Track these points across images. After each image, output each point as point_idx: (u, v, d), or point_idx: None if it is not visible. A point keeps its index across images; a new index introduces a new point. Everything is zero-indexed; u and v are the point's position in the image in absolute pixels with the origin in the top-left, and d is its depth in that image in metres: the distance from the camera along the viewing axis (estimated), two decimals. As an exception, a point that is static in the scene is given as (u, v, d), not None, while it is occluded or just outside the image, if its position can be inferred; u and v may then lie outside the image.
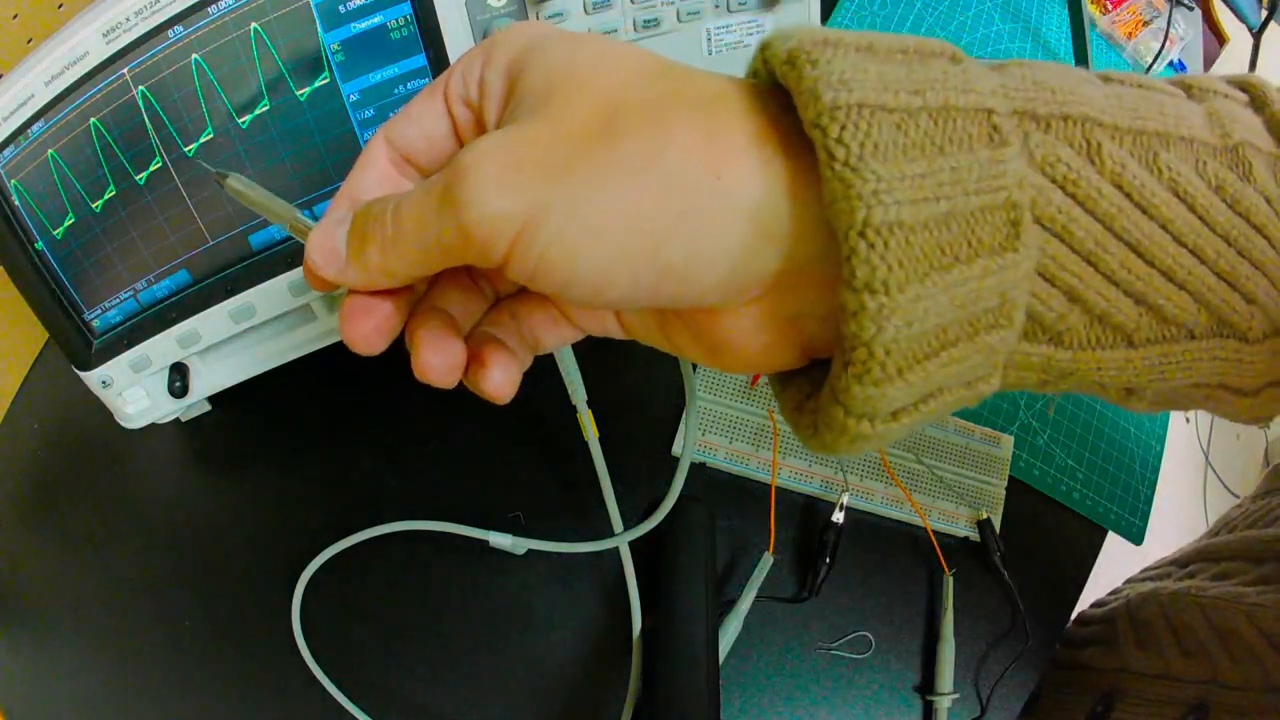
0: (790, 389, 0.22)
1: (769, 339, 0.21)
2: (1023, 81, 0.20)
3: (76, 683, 0.47)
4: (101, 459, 0.53)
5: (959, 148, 0.18)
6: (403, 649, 0.48)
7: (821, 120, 0.17)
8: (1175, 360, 0.21)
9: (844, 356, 0.18)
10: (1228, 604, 0.44)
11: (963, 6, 0.73)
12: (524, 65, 0.21)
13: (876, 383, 0.17)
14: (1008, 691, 0.50)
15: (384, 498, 0.51)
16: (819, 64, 0.18)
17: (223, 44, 0.38)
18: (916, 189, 0.17)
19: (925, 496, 0.52)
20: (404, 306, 0.23)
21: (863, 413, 0.18)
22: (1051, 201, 0.19)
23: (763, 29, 0.47)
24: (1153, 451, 0.60)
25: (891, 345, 0.17)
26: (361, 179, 0.24)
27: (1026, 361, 0.20)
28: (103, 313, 0.44)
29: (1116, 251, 0.20)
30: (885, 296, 0.17)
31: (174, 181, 0.40)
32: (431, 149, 0.24)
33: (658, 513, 0.44)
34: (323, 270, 0.22)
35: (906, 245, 0.17)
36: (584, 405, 0.42)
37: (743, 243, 0.18)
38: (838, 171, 0.17)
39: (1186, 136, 0.21)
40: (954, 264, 0.17)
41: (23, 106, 0.37)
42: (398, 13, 0.40)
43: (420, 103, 0.23)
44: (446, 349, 0.22)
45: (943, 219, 0.17)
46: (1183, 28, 0.77)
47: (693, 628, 0.44)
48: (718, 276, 0.19)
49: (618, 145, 0.18)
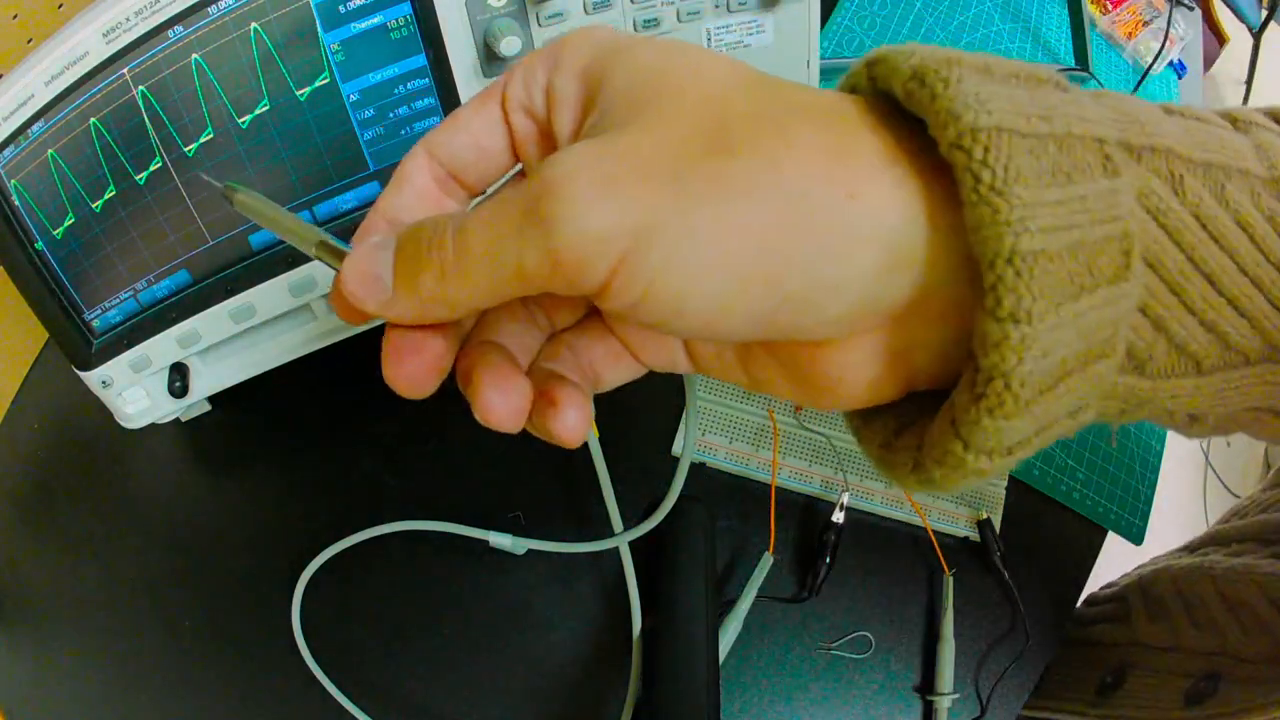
0: (874, 425, 0.21)
1: (875, 373, 0.19)
2: (1116, 112, 0.19)
3: (76, 683, 0.47)
4: (101, 459, 0.53)
5: (1084, 176, 0.17)
6: (403, 649, 0.48)
7: (964, 142, 0.16)
8: (1236, 385, 0.22)
9: (975, 390, 0.17)
10: (1240, 576, 0.44)
11: (963, 6, 0.73)
12: (605, 71, 0.19)
13: (1008, 416, 0.17)
14: (1008, 691, 0.50)
15: (384, 498, 0.51)
16: (951, 83, 0.17)
17: (223, 44, 0.38)
18: (1055, 217, 0.16)
19: (925, 496, 0.52)
20: (455, 342, 0.20)
21: (984, 448, 0.17)
22: (1148, 232, 0.19)
23: (763, 29, 0.48)
24: (1153, 451, 0.60)
25: (1027, 377, 0.16)
26: (399, 197, 0.21)
27: (1113, 390, 0.20)
28: (103, 313, 0.44)
29: (1196, 282, 0.20)
30: (1028, 326, 0.16)
31: (174, 181, 0.40)
32: (482, 163, 0.21)
33: (658, 513, 0.44)
34: (364, 302, 0.19)
35: (1047, 274, 0.16)
36: (584, 405, 0.42)
37: (875, 270, 0.17)
38: (984, 196, 0.16)
39: (1243, 169, 0.21)
40: (1080, 293, 0.17)
41: (23, 106, 0.37)
42: (398, 13, 0.40)
43: (471, 111, 0.21)
44: (512, 389, 0.19)
45: (1073, 248, 0.17)
46: (1183, 28, 0.77)
47: (693, 628, 0.44)
48: (844, 306, 0.17)
49: (734, 158, 0.17)
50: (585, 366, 0.22)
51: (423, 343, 0.19)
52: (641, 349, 0.23)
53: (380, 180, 0.44)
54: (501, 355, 0.20)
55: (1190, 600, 0.47)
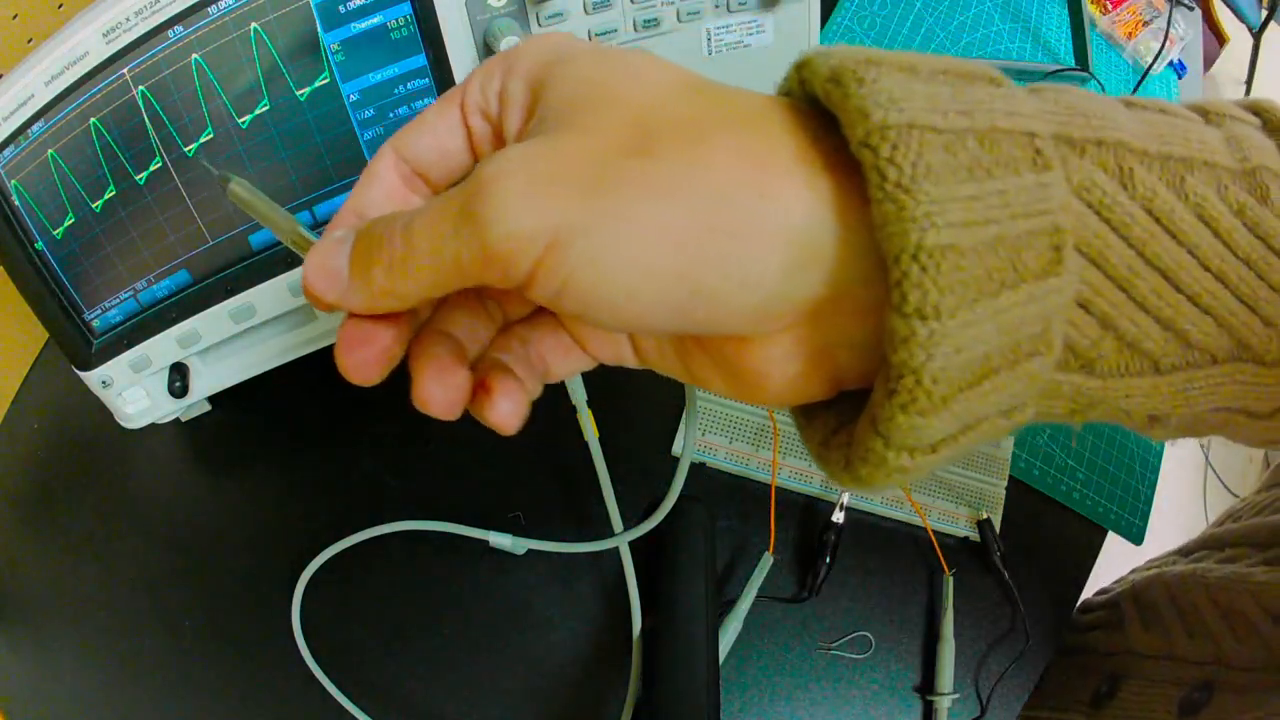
0: (815, 423, 0.21)
1: (799, 369, 0.20)
2: (1057, 105, 0.19)
3: (76, 683, 0.47)
4: (101, 459, 0.53)
5: (1006, 171, 0.17)
6: (403, 649, 0.48)
7: (872, 139, 0.16)
8: (1199, 385, 0.21)
9: (889, 385, 0.17)
10: (1233, 584, 0.44)
11: (963, 6, 0.73)
12: (550, 76, 0.20)
13: (923, 412, 0.17)
14: (1008, 691, 0.50)
15: (384, 498, 0.51)
16: (866, 82, 0.17)
17: (223, 44, 0.38)
18: (968, 212, 0.16)
19: (925, 496, 0.52)
20: (405, 333, 0.21)
21: (904, 444, 0.18)
22: (1088, 227, 0.19)
23: (763, 29, 0.48)
24: (1153, 451, 0.60)
25: (940, 373, 0.17)
26: (367, 194, 0.22)
27: (1058, 390, 0.20)
28: (103, 313, 0.44)
29: (1148, 278, 0.20)
30: (936, 322, 0.16)
31: (174, 181, 0.40)
32: (444, 163, 0.22)
33: (658, 513, 0.44)
34: (323, 293, 0.20)
35: (957, 270, 0.16)
36: (584, 405, 0.42)
37: (784, 266, 0.18)
38: (890, 192, 0.16)
39: (1209, 161, 0.21)
40: (1001, 290, 0.17)
41: (23, 106, 0.37)
42: (398, 13, 0.40)
43: (434, 113, 0.22)
44: (449, 379, 0.21)
45: (991, 243, 0.17)
46: (1183, 28, 0.77)
47: (693, 628, 0.44)
48: (755, 302, 0.18)
49: (655, 161, 0.17)
50: (535, 357, 0.23)
51: (374, 334, 0.21)
52: (589, 341, 0.23)
53: (380, 180, 0.44)
54: (446, 346, 0.21)
55: (1184, 608, 0.47)
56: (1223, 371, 0.21)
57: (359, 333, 0.21)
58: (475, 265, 0.18)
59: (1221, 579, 0.45)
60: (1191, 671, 0.44)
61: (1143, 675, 0.47)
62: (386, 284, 0.19)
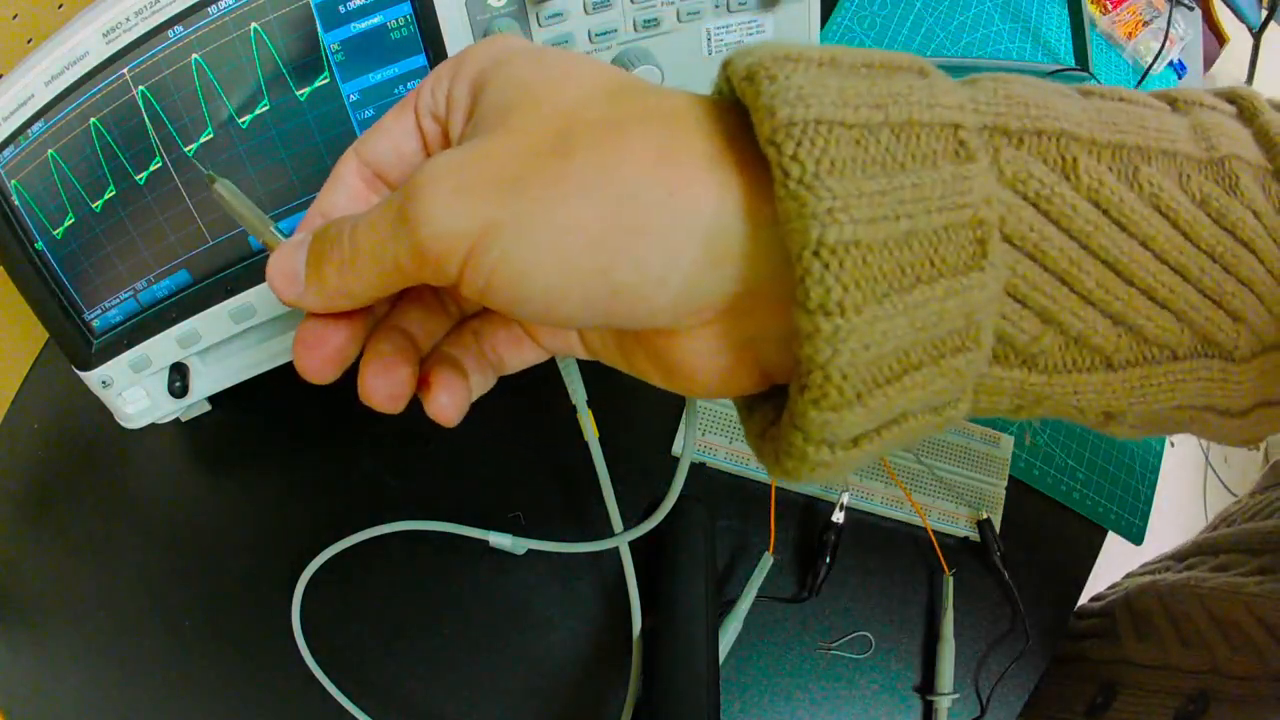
0: (755, 415, 0.21)
1: (725, 363, 0.20)
2: (994, 96, 0.19)
3: (76, 683, 0.47)
4: (101, 459, 0.53)
5: (922, 164, 0.17)
6: (403, 649, 0.48)
7: (776, 137, 0.16)
8: (1157, 382, 0.21)
9: (800, 380, 0.17)
10: (1227, 594, 0.44)
11: (963, 6, 0.73)
12: (487, 80, 0.21)
13: (834, 407, 0.17)
14: (1008, 691, 0.50)
15: (384, 498, 0.51)
16: (777, 79, 0.17)
17: (223, 44, 0.38)
18: (875, 207, 0.16)
19: (925, 496, 0.52)
20: (360, 332, 0.22)
21: (822, 439, 0.17)
22: (1022, 219, 0.18)
23: (763, 29, 0.47)
24: (1153, 451, 0.60)
25: (849, 369, 0.16)
26: (331, 197, 0.23)
27: (998, 386, 0.20)
28: (103, 313, 0.44)
29: (1093, 270, 0.19)
30: (841, 318, 0.16)
31: (174, 181, 0.40)
32: (401, 165, 0.23)
33: (658, 513, 0.44)
34: (282, 294, 0.21)
35: (864, 265, 0.16)
36: (584, 405, 0.42)
37: (695, 263, 0.18)
38: (791, 190, 0.16)
39: (1169, 150, 0.20)
40: (915, 285, 0.17)
41: (23, 106, 0.37)
42: (398, 13, 0.40)
43: (391, 117, 0.23)
44: (392, 373, 0.22)
45: (903, 238, 0.17)
46: (1183, 28, 0.77)
47: (693, 628, 0.44)
48: (669, 297, 0.18)
49: (570, 161, 0.18)
50: (488, 350, 0.24)
51: (327, 334, 0.22)
52: (539, 334, 0.24)
53: (380, 180, 0.44)
54: (397, 342, 0.22)
55: (1178, 618, 0.47)
56: (1185, 368, 0.21)
57: (315, 333, 0.22)
58: (412, 264, 0.19)
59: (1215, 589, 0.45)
60: (1187, 681, 0.44)
61: (1138, 685, 0.47)
62: (338, 284, 0.20)
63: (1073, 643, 0.55)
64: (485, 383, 0.24)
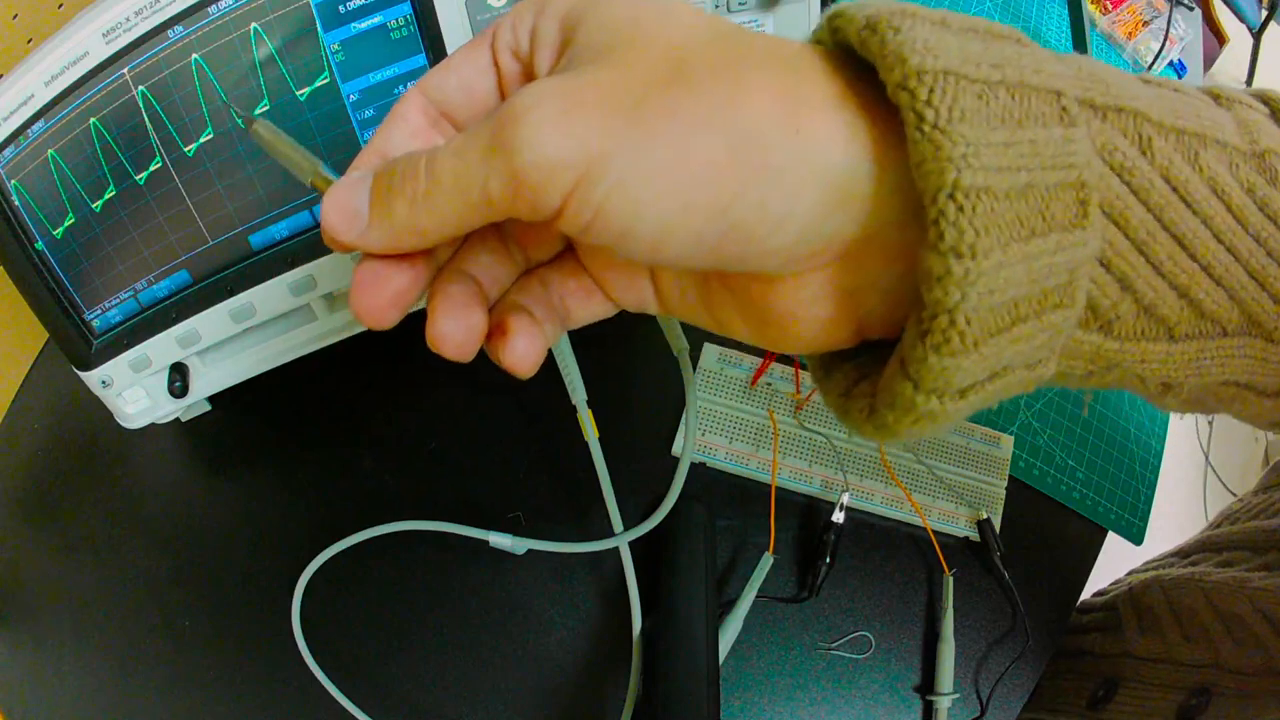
0: (835, 375, 0.21)
1: (827, 312, 0.20)
2: (1080, 71, 0.20)
3: (76, 683, 0.47)
4: (101, 459, 0.53)
5: (1036, 123, 0.18)
6: (403, 649, 0.48)
7: (909, 83, 0.17)
8: (1211, 356, 0.22)
9: (921, 326, 0.17)
10: (1231, 588, 0.44)
11: (962, 7, 0.73)
12: (583, 15, 0.20)
13: (954, 353, 0.17)
14: (1008, 691, 0.50)
15: (384, 498, 0.51)
16: (902, 30, 0.17)
17: (223, 44, 0.38)
18: (1001, 157, 0.17)
19: (925, 496, 0.52)
20: (424, 275, 0.21)
21: (934, 387, 0.18)
22: (1110, 187, 0.19)
23: (763, 29, 0.48)
24: (1153, 451, 0.60)
25: (973, 314, 0.17)
26: (391, 134, 0.22)
27: (1078, 349, 0.20)
28: (103, 313, 0.44)
29: (1164, 243, 0.20)
30: (971, 261, 0.16)
31: (174, 181, 0.40)
32: (472, 103, 0.22)
33: (658, 513, 0.44)
34: (341, 233, 0.20)
35: (992, 212, 0.17)
36: (584, 405, 0.42)
37: (818, 204, 0.18)
38: (928, 134, 0.16)
39: (1221, 140, 0.21)
40: (1031, 236, 0.17)
41: (23, 106, 0.37)
42: (398, 13, 0.40)
43: (464, 53, 0.22)
44: (465, 316, 0.20)
45: (1022, 190, 0.17)
46: (1183, 28, 0.77)
47: (693, 628, 0.44)
48: (788, 238, 0.18)
49: (690, 93, 0.17)
50: (556, 301, 0.23)
51: (390, 275, 0.20)
52: (611, 285, 0.23)
53: (380, 180, 0.44)
54: (463, 286, 0.21)
55: (1181, 612, 0.47)
56: (1233, 344, 0.22)
57: (375, 274, 0.20)
58: (504, 196, 0.18)
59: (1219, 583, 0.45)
60: (1189, 676, 0.44)
61: (1140, 679, 0.47)
62: (409, 219, 0.19)
63: (1075, 637, 0.55)
64: (555, 334, 0.23)
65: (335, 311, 0.47)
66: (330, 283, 0.45)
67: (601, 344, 0.27)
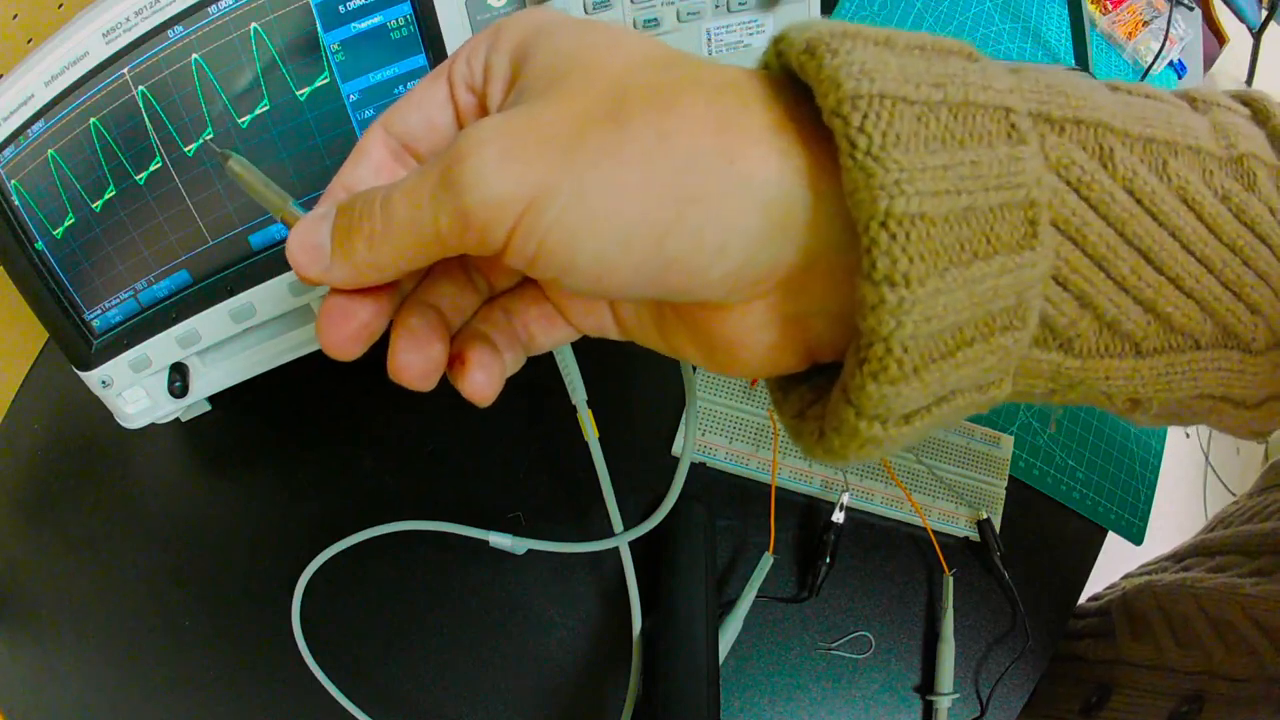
0: (791, 396, 0.21)
1: (772, 339, 0.20)
2: (1036, 84, 0.19)
3: (76, 683, 0.47)
4: (101, 459, 0.53)
5: (979, 143, 0.17)
6: (403, 649, 0.48)
7: (843, 109, 0.17)
8: (1181, 370, 0.21)
9: (859, 354, 0.17)
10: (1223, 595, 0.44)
11: (963, 6, 0.73)
12: (530, 49, 0.20)
13: (893, 380, 0.17)
14: (1008, 691, 0.50)
15: (384, 498, 0.51)
16: (839, 53, 0.17)
17: (223, 44, 0.38)
18: (938, 181, 0.17)
19: (925, 496, 0.52)
20: (387, 308, 0.22)
21: (875, 414, 0.18)
22: (1066, 204, 0.19)
23: (763, 29, 0.47)
24: (1153, 451, 0.60)
25: (909, 342, 0.17)
26: (355, 171, 0.22)
27: (1036, 368, 0.20)
28: (103, 313, 0.44)
29: (1127, 257, 0.19)
30: (905, 290, 0.16)
31: (174, 181, 0.40)
32: (433, 136, 0.23)
33: (658, 513, 0.44)
34: (305, 268, 0.20)
35: (927, 238, 0.16)
36: (584, 405, 0.42)
37: (755, 233, 0.18)
38: (860, 160, 0.16)
39: (1193, 146, 0.21)
40: (972, 260, 0.17)
41: (23, 106, 0.37)
42: (398, 13, 0.40)
43: (423, 88, 0.22)
44: (425, 350, 0.21)
45: (962, 214, 0.17)
46: (1183, 28, 0.77)
47: (693, 628, 0.44)
48: (726, 268, 0.18)
49: (626, 126, 0.17)
50: (519, 328, 0.24)
51: (354, 309, 0.21)
52: (571, 311, 0.24)
53: (380, 180, 0.44)
54: (426, 318, 0.22)
55: (1174, 619, 0.47)
56: (1207, 357, 0.21)
57: (340, 308, 0.21)
58: (453, 232, 0.18)
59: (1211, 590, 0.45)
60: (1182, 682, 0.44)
61: (1133, 685, 0.47)
62: (368, 256, 0.20)
63: (1069, 642, 0.55)
64: (516, 361, 0.23)
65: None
66: (330, 283, 0.45)
67: (601, 344, 0.27)
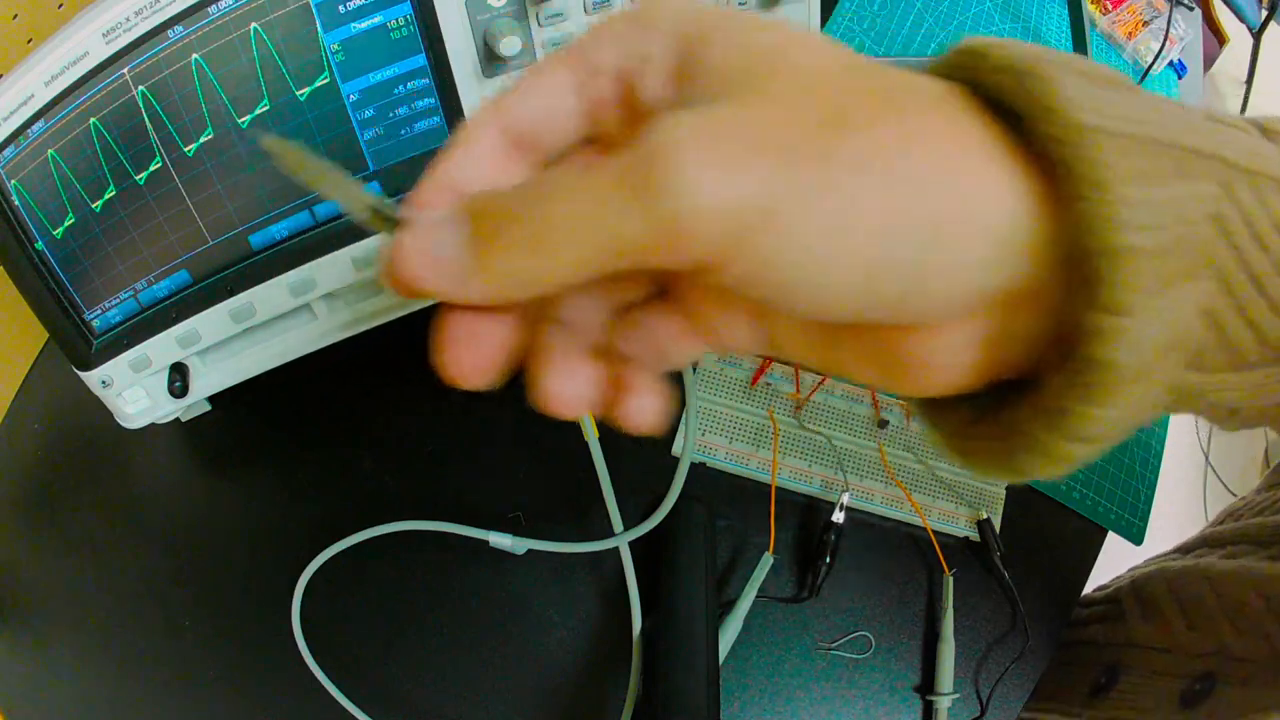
0: (949, 414, 0.21)
1: (966, 360, 0.19)
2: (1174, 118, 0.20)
3: (76, 683, 0.47)
4: (101, 459, 0.53)
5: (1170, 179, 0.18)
6: (403, 649, 0.48)
7: (1070, 137, 0.17)
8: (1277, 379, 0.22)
9: (1078, 378, 0.18)
10: (1236, 576, 0.44)
11: (963, 6, 0.73)
12: (706, 37, 0.18)
13: (1102, 404, 0.17)
14: (1008, 691, 0.50)
15: (384, 498, 0.51)
16: (1053, 80, 0.17)
17: (223, 44, 0.38)
18: (1157, 215, 0.17)
19: (925, 496, 0.52)
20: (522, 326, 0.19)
21: (1081, 435, 0.18)
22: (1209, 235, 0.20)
23: (763, 29, 0.47)
24: (1153, 451, 0.60)
25: (1126, 369, 0.17)
26: (462, 163, 0.19)
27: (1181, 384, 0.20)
28: (103, 313, 0.44)
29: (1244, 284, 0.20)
30: (1129, 319, 0.17)
31: (174, 181, 0.40)
32: (555, 128, 0.20)
33: (658, 513, 0.44)
34: (429, 283, 0.17)
35: (1144, 271, 0.17)
36: (584, 405, 0.42)
37: (983, 257, 0.17)
38: (1089, 192, 0.16)
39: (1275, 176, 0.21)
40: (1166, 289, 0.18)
41: (23, 106, 0.37)
42: (398, 13, 0.40)
43: (545, 75, 0.20)
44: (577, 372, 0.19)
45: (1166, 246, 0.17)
46: (1183, 28, 0.77)
47: (693, 628, 0.44)
48: (951, 292, 0.18)
49: (857, 136, 0.16)
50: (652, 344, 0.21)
51: (485, 332, 0.18)
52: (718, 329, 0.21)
53: (380, 180, 0.44)
54: (564, 337, 0.19)
55: (1185, 601, 0.47)
56: None
57: (469, 331, 0.18)
58: (644, 244, 0.16)
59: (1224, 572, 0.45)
60: (1192, 664, 0.44)
61: (1142, 667, 0.47)
62: (520, 270, 0.16)
63: (1076, 629, 0.55)
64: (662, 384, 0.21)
65: (336, 311, 0.47)
66: (330, 283, 0.45)
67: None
